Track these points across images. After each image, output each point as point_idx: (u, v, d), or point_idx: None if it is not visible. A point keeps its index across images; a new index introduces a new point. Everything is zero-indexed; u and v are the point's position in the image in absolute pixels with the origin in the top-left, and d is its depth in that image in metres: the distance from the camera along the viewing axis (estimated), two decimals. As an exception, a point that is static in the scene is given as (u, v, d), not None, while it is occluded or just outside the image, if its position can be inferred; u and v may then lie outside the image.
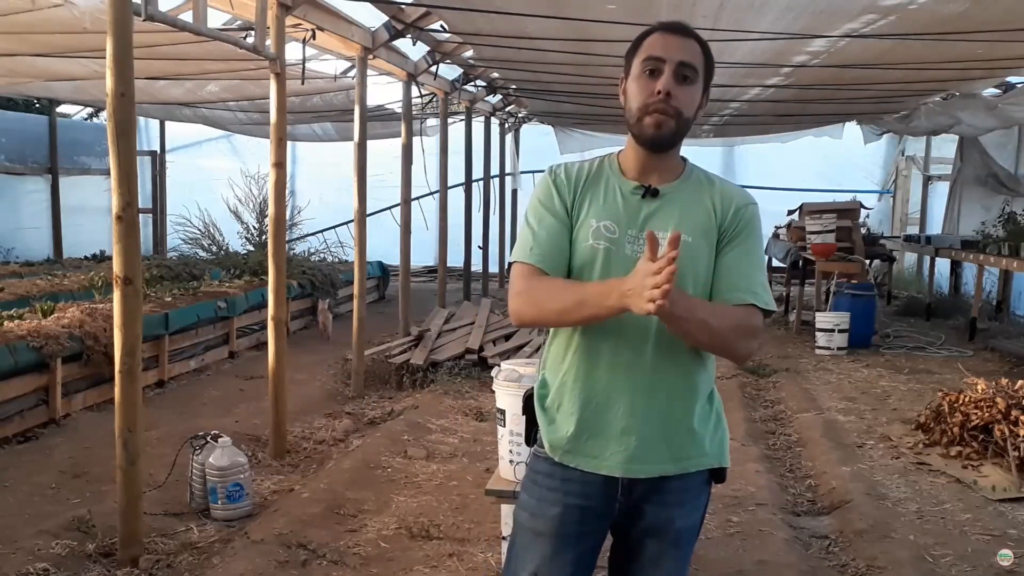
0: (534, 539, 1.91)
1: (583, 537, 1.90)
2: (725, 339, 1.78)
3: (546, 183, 1.91)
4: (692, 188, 1.89)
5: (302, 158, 13.72)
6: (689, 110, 1.82)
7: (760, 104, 9.47)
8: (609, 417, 1.83)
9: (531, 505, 1.93)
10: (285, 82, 4.93)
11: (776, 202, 12.08)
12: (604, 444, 1.84)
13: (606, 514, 1.89)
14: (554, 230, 1.85)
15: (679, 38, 1.83)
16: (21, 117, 12.25)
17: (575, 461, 1.86)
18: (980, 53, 6.15)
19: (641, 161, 1.88)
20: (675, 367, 1.84)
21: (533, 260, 1.83)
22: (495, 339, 7.56)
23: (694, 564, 3.56)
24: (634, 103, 1.82)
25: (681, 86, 1.80)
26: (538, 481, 1.93)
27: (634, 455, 1.83)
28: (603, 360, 1.83)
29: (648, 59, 1.81)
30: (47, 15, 5.70)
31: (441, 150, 9.70)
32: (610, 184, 1.88)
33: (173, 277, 8.73)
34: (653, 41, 1.83)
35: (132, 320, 3.38)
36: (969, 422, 4.89)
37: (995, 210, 9.73)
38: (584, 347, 1.84)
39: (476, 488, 4.27)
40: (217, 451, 4.06)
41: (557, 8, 5.31)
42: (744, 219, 1.88)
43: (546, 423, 1.90)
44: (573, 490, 1.87)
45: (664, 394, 1.83)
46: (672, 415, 1.84)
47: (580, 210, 1.87)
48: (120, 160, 3.30)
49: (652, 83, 1.80)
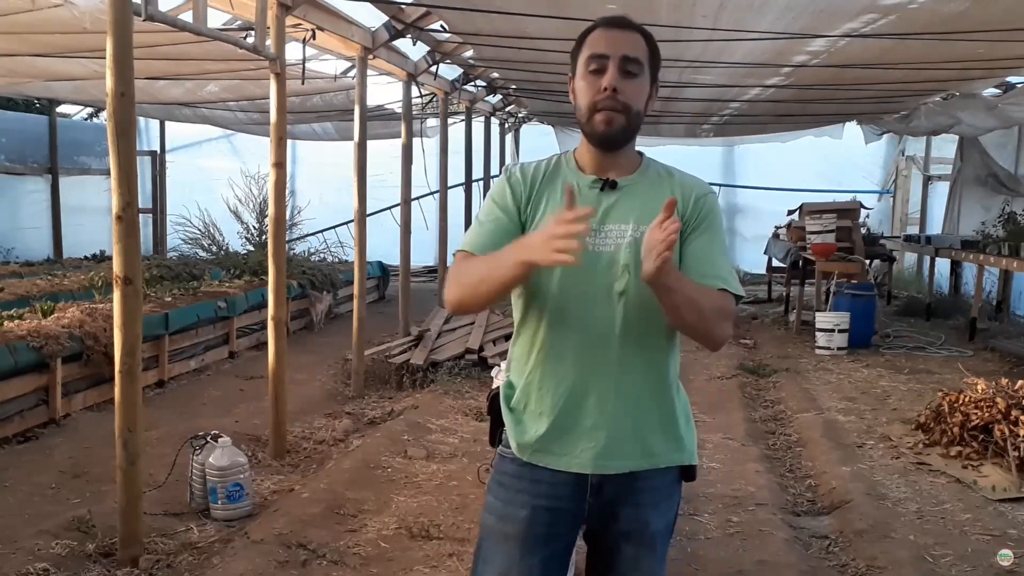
0: (502, 542, 1.88)
1: (552, 539, 1.88)
2: (708, 320, 1.77)
3: (501, 182, 1.91)
4: (651, 180, 1.88)
5: (302, 158, 13.71)
6: (638, 103, 1.81)
7: (760, 104, 9.47)
8: (578, 414, 1.82)
9: (497, 508, 1.90)
10: (285, 82, 4.93)
11: (776, 202, 12.13)
12: (573, 442, 1.82)
13: (576, 515, 1.87)
14: (499, 225, 1.85)
15: (621, 32, 1.82)
16: (21, 117, 12.24)
17: (544, 460, 1.85)
18: (980, 53, 6.15)
19: (596, 159, 1.87)
20: (643, 361, 1.83)
21: (468, 247, 1.83)
22: (495, 339, 7.56)
23: (694, 564, 3.58)
24: (582, 102, 1.82)
25: (627, 80, 1.79)
26: (505, 483, 1.91)
27: (603, 451, 1.81)
28: (568, 357, 1.82)
29: (592, 57, 1.80)
30: (47, 15, 5.70)
31: (441, 150, 9.70)
32: (567, 180, 1.87)
33: (173, 277, 8.73)
34: (595, 38, 1.82)
35: (132, 320, 3.38)
36: (969, 422, 4.89)
37: (995, 210, 9.73)
38: (548, 345, 1.83)
39: (476, 488, 4.27)
40: (217, 451, 4.06)
41: (557, 8, 5.31)
42: (705, 208, 1.86)
43: (513, 423, 1.89)
44: (542, 491, 1.85)
45: (633, 389, 1.82)
46: (641, 410, 1.83)
47: (536, 209, 1.86)
48: (120, 160, 3.30)
49: (598, 80, 1.79)
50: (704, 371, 7.21)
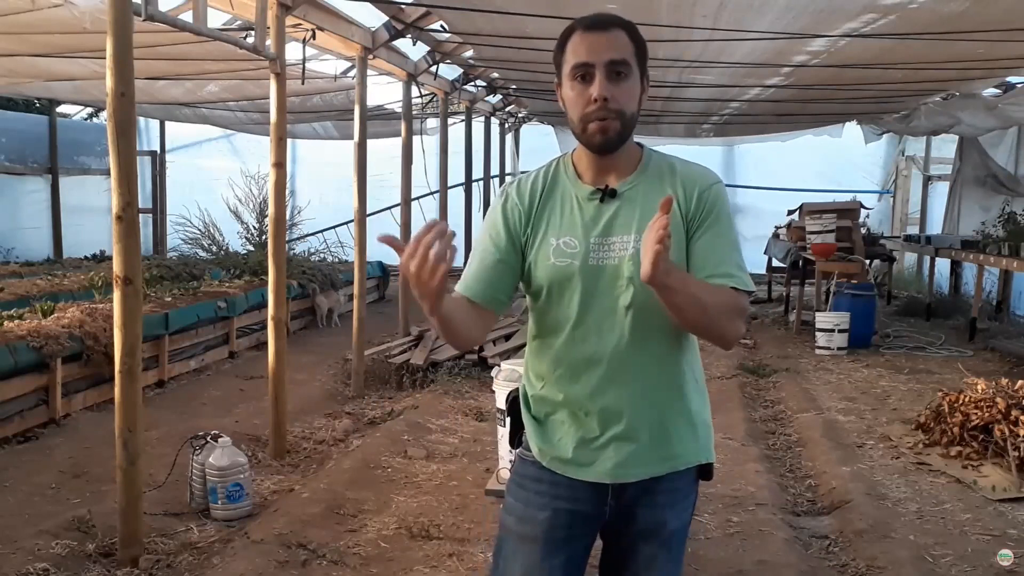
0: (522, 543, 1.88)
1: (572, 541, 1.88)
2: (717, 317, 1.74)
3: (497, 209, 1.88)
4: (652, 180, 1.83)
5: (302, 158, 13.71)
6: (631, 106, 1.77)
7: (760, 104, 9.48)
8: (598, 426, 1.82)
9: (518, 509, 1.90)
10: (285, 82, 4.93)
11: (776, 202, 12.12)
12: (595, 452, 1.82)
13: (596, 517, 1.87)
14: (488, 263, 1.84)
15: (602, 34, 1.75)
16: (21, 117, 12.26)
17: (566, 471, 1.85)
18: (980, 53, 6.16)
19: (594, 163, 1.84)
20: (658, 368, 1.83)
21: (460, 289, 1.83)
22: (495, 339, 7.56)
23: (694, 564, 3.57)
24: (574, 113, 1.78)
25: (617, 84, 1.74)
26: (525, 485, 1.90)
27: (625, 461, 1.81)
28: (585, 369, 1.81)
29: (576, 66, 1.75)
30: (47, 15, 5.71)
31: (441, 150, 9.70)
32: (567, 194, 1.84)
33: (173, 277, 8.73)
34: (576, 44, 1.76)
35: (132, 320, 3.38)
36: (969, 422, 4.89)
37: (995, 210, 9.73)
38: (564, 357, 1.83)
39: (476, 488, 4.27)
40: (217, 451, 4.06)
41: (557, 8, 5.31)
42: (710, 201, 1.81)
43: (534, 431, 1.89)
44: (562, 494, 1.85)
45: (650, 396, 1.82)
46: (660, 417, 1.83)
47: (538, 227, 1.84)
48: (120, 160, 3.30)
49: (586, 90, 1.74)
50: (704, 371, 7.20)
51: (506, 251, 1.84)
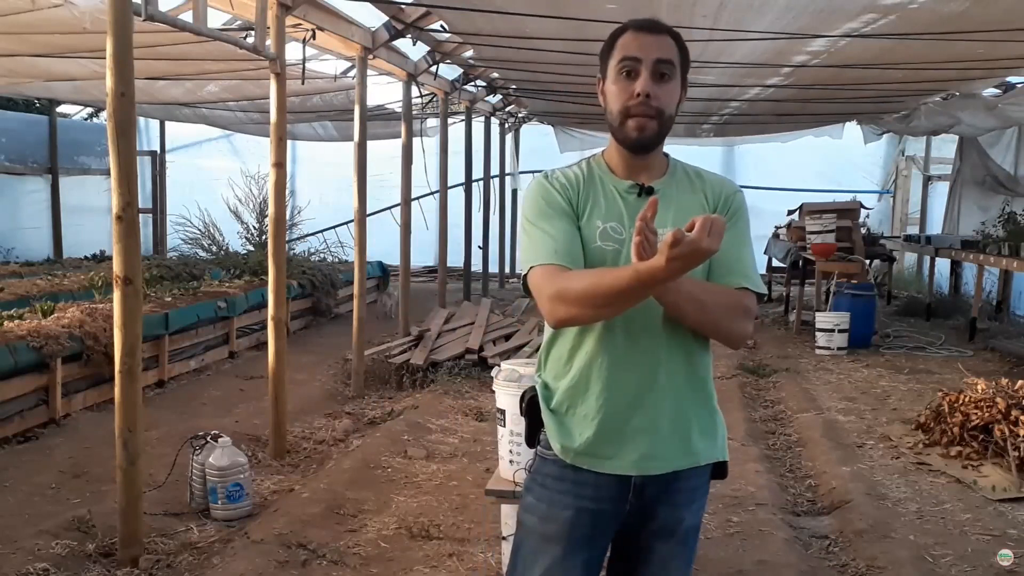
0: (543, 543, 1.88)
1: (594, 541, 1.89)
2: (719, 317, 1.77)
3: (544, 187, 1.88)
4: (681, 183, 1.90)
5: (302, 158, 13.71)
6: (671, 107, 1.82)
7: (760, 104, 9.48)
8: (624, 417, 1.82)
9: (540, 509, 1.90)
10: (285, 82, 4.93)
11: (776, 202, 12.11)
12: (620, 444, 1.82)
13: (616, 516, 1.88)
14: (568, 230, 1.82)
15: (652, 36, 1.82)
16: (21, 117, 12.25)
17: (590, 463, 1.84)
18: (980, 53, 6.16)
19: (627, 162, 1.88)
20: (683, 361, 1.84)
21: (558, 260, 1.78)
22: (495, 339, 7.56)
23: (694, 564, 3.57)
24: (614, 106, 1.82)
25: (660, 84, 1.79)
26: (547, 484, 1.90)
27: (648, 453, 1.82)
28: (612, 359, 1.81)
29: (624, 60, 1.80)
30: (47, 15, 5.71)
31: (441, 150, 9.70)
32: (605, 185, 1.88)
33: (173, 277, 8.72)
34: (627, 41, 1.82)
35: (132, 320, 3.38)
36: (969, 422, 4.89)
37: (995, 210, 9.74)
38: (592, 348, 1.82)
39: (476, 488, 4.27)
40: (217, 451, 4.06)
41: (557, 8, 5.31)
42: (734, 207, 1.90)
43: (556, 426, 1.87)
44: (586, 493, 1.85)
45: (674, 389, 1.83)
46: (683, 409, 1.84)
47: (583, 212, 1.86)
48: (120, 160, 3.30)
49: (630, 84, 1.79)
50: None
51: (573, 218, 1.85)
